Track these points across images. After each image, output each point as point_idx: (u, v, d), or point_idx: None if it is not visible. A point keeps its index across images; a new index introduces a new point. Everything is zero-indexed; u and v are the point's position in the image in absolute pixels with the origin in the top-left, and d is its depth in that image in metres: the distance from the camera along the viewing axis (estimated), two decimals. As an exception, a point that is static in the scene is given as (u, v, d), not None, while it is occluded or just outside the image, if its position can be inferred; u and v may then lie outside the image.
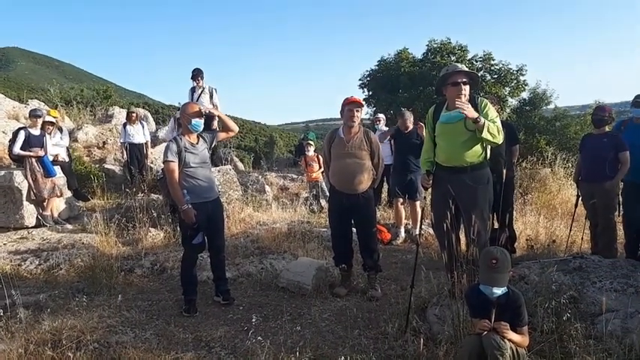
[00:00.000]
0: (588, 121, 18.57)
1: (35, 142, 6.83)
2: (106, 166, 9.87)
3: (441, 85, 3.68)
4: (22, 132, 6.81)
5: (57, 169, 7.16)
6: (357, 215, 4.43)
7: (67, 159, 8.14)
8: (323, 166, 6.02)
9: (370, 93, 25.88)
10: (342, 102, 4.39)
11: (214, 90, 8.45)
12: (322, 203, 8.20)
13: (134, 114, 9.19)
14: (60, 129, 8.14)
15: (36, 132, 6.96)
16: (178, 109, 8.30)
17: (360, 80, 26.34)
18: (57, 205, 7.09)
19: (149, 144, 9.28)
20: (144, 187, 8.05)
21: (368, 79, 26.05)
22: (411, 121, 6.35)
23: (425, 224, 6.15)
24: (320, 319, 3.90)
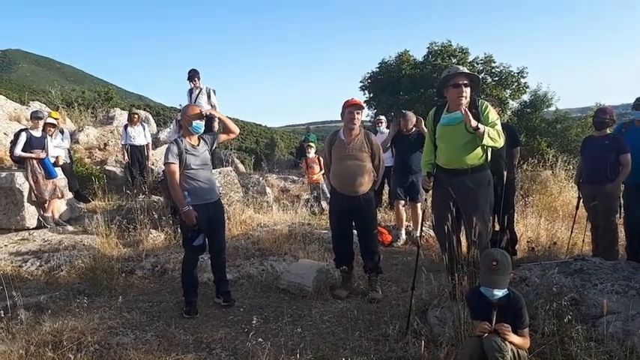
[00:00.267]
0: (589, 124, 18.58)
1: (36, 144, 6.84)
2: (107, 168, 9.90)
3: (442, 87, 3.68)
4: (24, 134, 6.82)
5: (58, 171, 7.17)
6: (358, 217, 4.43)
7: (68, 160, 8.16)
8: (324, 168, 6.03)
9: (371, 95, 25.93)
10: (343, 104, 4.39)
11: (212, 91, 8.37)
12: (323, 205, 8.20)
13: (136, 116, 9.21)
14: (61, 131, 8.15)
15: (37, 134, 6.97)
16: (179, 112, 8.31)
17: (361, 82, 26.41)
18: (58, 207, 7.10)
19: (150, 146, 9.29)
20: (145, 189, 8.06)
21: (369, 81, 26.11)
22: (413, 122, 6.32)
23: (426, 226, 6.14)
24: (321, 321, 3.90)
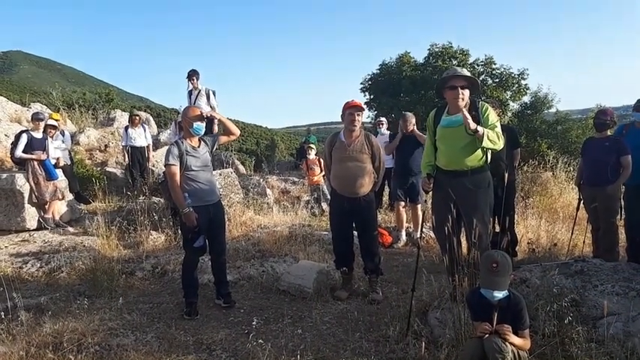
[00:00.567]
0: (590, 125, 18.61)
1: (37, 145, 6.85)
2: (108, 169, 9.91)
3: (441, 89, 3.69)
4: (25, 135, 6.83)
5: (59, 172, 7.17)
6: (359, 218, 4.43)
7: (69, 162, 8.18)
8: (324, 170, 6.05)
9: (372, 97, 25.95)
10: (343, 106, 4.39)
11: (212, 92, 8.35)
12: (323, 206, 8.20)
13: (137, 117, 9.21)
14: (62, 132, 8.17)
15: (38, 135, 6.98)
16: (179, 113, 8.31)
17: (362, 84, 26.44)
18: (58, 208, 7.10)
19: (151, 147, 9.30)
20: (145, 190, 8.06)
21: (369, 83, 26.13)
22: (413, 123, 6.33)
23: (426, 227, 6.14)
24: (321, 323, 3.90)
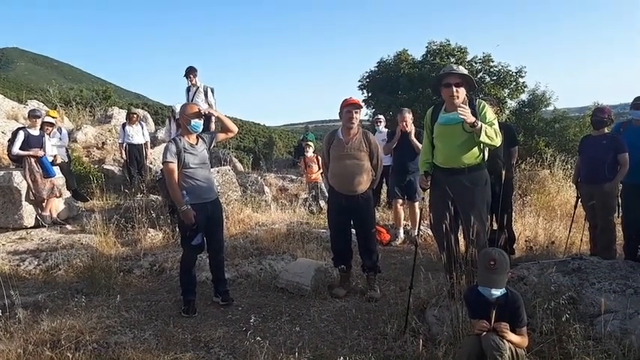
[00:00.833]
0: (587, 123, 18.61)
1: (34, 143, 6.83)
2: (105, 167, 9.88)
3: (437, 86, 3.69)
4: (22, 132, 6.81)
5: (56, 170, 7.15)
6: (356, 216, 4.44)
7: (66, 159, 8.15)
8: (322, 167, 6.05)
9: (370, 94, 25.89)
10: (341, 103, 4.39)
11: (209, 89, 8.32)
12: (321, 204, 8.20)
13: (134, 115, 9.15)
14: (59, 129, 8.14)
15: (35, 132, 6.95)
16: (173, 110, 8.28)
17: (360, 82, 26.36)
18: (56, 206, 7.08)
19: (148, 144, 9.27)
20: (143, 188, 8.05)
21: (367, 81, 26.06)
22: (410, 119, 6.28)
23: (424, 225, 6.15)
24: (319, 320, 3.90)
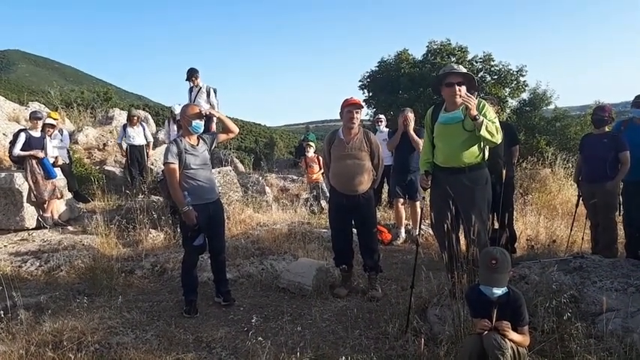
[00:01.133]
0: (588, 122, 18.58)
1: (35, 144, 6.84)
2: (107, 168, 9.89)
3: (437, 86, 3.69)
4: (23, 134, 6.82)
5: (57, 171, 7.16)
6: (358, 216, 4.43)
7: (68, 161, 8.16)
8: (323, 167, 6.05)
9: (370, 94, 25.90)
10: (342, 103, 4.39)
11: (212, 90, 8.32)
12: (322, 204, 8.20)
13: (135, 117, 9.13)
14: (60, 131, 8.15)
15: (36, 134, 6.97)
16: (172, 111, 8.29)
17: (361, 81, 26.38)
18: (57, 207, 7.10)
19: (151, 145, 9.27)
20: (144, 189, 8.06)
21: (368, 80, 26.08)
22: (411, 119, 6.25)
23: (425, 225, 6.14)
24: (320, 320, 3.90)
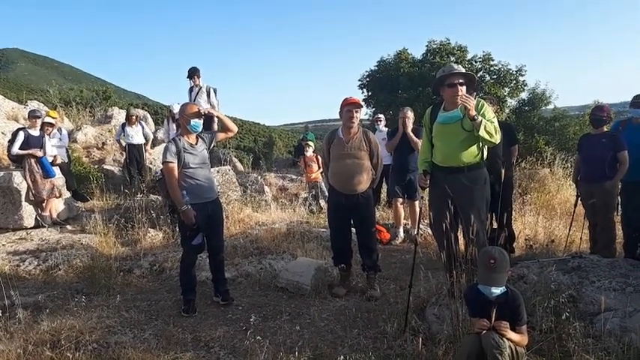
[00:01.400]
0: (587, 122, 18.55)
1: (34, 143, 6.83)
2: (105, 167, 9.88)
3: (438, 86, 3.68)
4: (22, 133, 6.81)
5: (56, 170, 7.15)
6: (356, 215, 4.43)
7: (66, 160, 8.14)
8: (322, 167, 6.04)
9: (370, 93, 25.89)
10: (341, 103, 4.38)
11: (212, 90, 8.33)
12: (321, 203, 8.19)
13: (133, 117, 9.12)
14: (59, 130, 8.14)
15: (35, 133, 6.95)
16: (171, 110, 8.28)
17: (360, 81, 26.37)
18: (56, 206, 7.08)
19: (150, 140, 9.26)
20: (143, 188, 8.05)
21: (367, 80, 26.06)
22: (410, 118, 6.25)
23: (423, 224, 6.14)
24: (319, 319, 3.90)
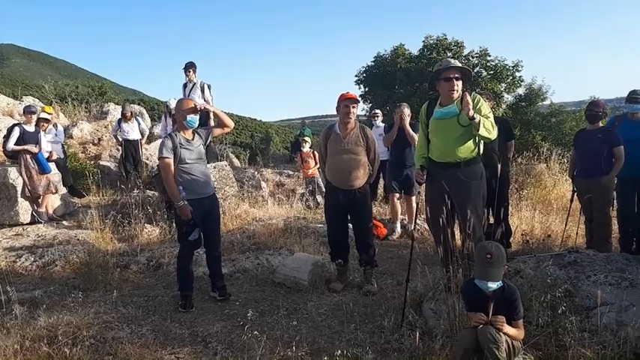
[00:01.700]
0: (584, 117, 18.59)
1: (30, 139, 6.79)
2: (102, 163, 9.86)
3: (434, 81, 3.68)
4: (17, 128, 6.77)
5: (52, 166, 7.12)
6: (354, 211, 4.44)
7: (62, 156, 8.11)
8: (319, 162, 6.05)
9: (366, 89, 25.85)
10: (338, 98, 4.38)
11: (207, 86, 8.31)
12: (318, 199, 8.20)
13: (129, 113, 9.06)
14: (55, 126, 8.10)
15: (30, 129, 6.92)
16: (168, 106, 8.27)
17: (357, 76, 26.31)
18: (52, 202, 7.06)
19: (145, 135, 9.24)
20: (139, 184, 8.03)
21: (364, 75, 26.01)
22: (407, 114, 6.26)
23: (420, 219, 6.16)
24: (316, 314, 3.91)
